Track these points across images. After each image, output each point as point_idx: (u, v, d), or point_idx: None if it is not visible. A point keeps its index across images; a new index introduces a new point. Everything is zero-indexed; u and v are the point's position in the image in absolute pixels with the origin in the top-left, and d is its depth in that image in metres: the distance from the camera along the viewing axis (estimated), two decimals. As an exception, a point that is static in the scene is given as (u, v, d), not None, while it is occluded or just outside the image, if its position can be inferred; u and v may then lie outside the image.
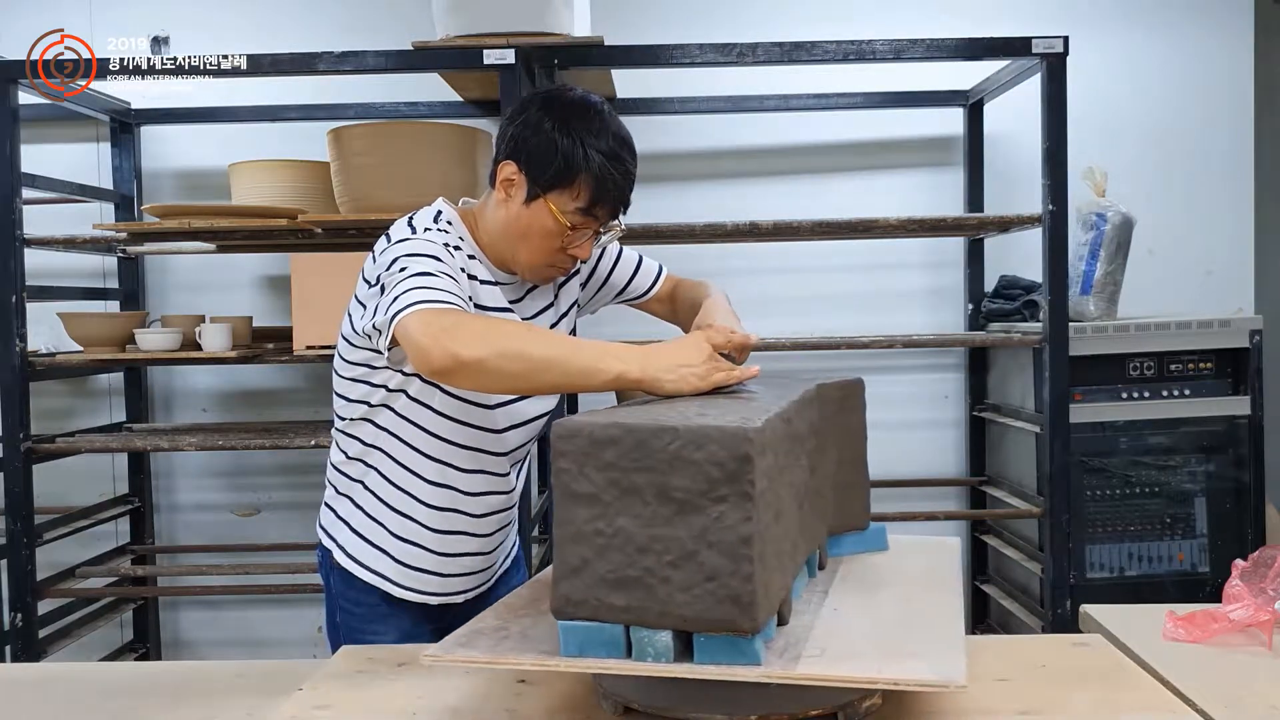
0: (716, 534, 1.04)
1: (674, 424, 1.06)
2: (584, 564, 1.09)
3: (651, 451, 1.07)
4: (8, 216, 2.66)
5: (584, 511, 1.09)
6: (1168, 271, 3.35)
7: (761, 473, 1.05)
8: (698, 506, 1.05)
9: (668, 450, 1.06)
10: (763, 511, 1.06)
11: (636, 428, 1.07)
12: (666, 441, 1.06)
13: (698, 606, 1.05)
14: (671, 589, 1.06)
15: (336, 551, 1.64)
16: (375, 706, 1.27)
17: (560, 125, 1.47)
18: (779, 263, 3.33)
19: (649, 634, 1.07)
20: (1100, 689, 1.27)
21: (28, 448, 2.73)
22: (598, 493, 1.09)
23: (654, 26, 3.26)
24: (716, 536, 1.04)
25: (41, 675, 1.64)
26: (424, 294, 1.35)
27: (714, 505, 1.05)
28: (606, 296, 1.80)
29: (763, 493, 1.06)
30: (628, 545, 1.07)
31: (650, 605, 1.07)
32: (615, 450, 1.08)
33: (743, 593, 1.03)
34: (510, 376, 1.33)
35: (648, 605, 1.07)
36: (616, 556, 1.08)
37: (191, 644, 3.44)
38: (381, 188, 2.67)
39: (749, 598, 1.03)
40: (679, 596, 1.05)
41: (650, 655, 1.07)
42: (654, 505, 1.07)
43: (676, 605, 1.06)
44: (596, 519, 1.09)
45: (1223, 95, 3.35)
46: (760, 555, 1.05)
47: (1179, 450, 2.95)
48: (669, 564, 1.06)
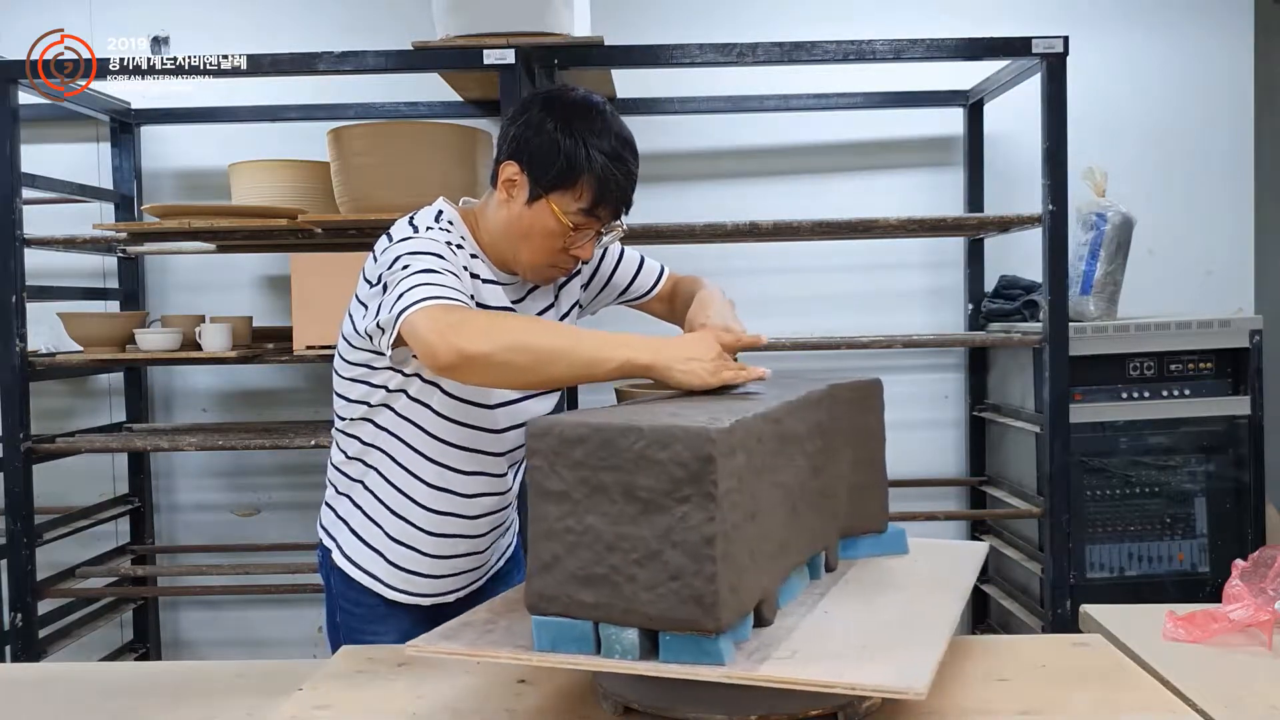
0: (680, 534, 1.05)
1: (639, 424, 1.07)
2: (555, 560, 1.10)
3: (618, 451, 1.07)
4: (8, 216, 2.66)
5: (555, 509, 1.11)
6: (1168, 271, 3.35)
7: (728, 473, 1.05)
8: (662, 506, 1.06)
9: (633, 450, 1.07)
10: (729, 512, 1.06)
11: (604, 427, 1.08)
12: (632, 441, 1.07)
13: (662, 605, 1.05)
14: (637, 587, 1.06)
15: (335, 552, 1.64)
16: (375, 706, 1.27)
17: (562, 125, 1.47)
18: (779, 263, 3.33)
19: (616, 631, 1.08)
20: (1100, 689, 1.27)
21: (28, 448, 2.73)
22: (568, 490, 1.10)
23: (654, 26, 3.26)
24: (680, 536, 1.05)
25: (41, 675, 1.64)
26: (429, 290, 1.35)
27: (678, 505, 1.05)
28: (608, 297, 1.80)
29: (729, 493, 1.06)
30: (596, 543, 1.08)
31: (617, 603, 1.08)
32: (584, 449, 1.09)
33: (705, 593, 1.04)
34: (518, 370, 1.33)
35: (614, 603, 1.08)
36: (585, 554, 1.09)
37: (191, 644, 3.44)
38: (381, 188, 2.67)
39: (711, 598, 1.03)
40: (644, 595, 1.06)
41: (617, 652, 1.08)
42: (621, 504, 1.07)
43: (642, 603, 1.06)
44: (567, 516, 1.10)
45: (1223, 95, 3.35)
46: (726, 556, 1.05)
47: (1179, 450, 2.95)
48: (635, 562, 1.07)
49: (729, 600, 1.05)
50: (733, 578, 1.06)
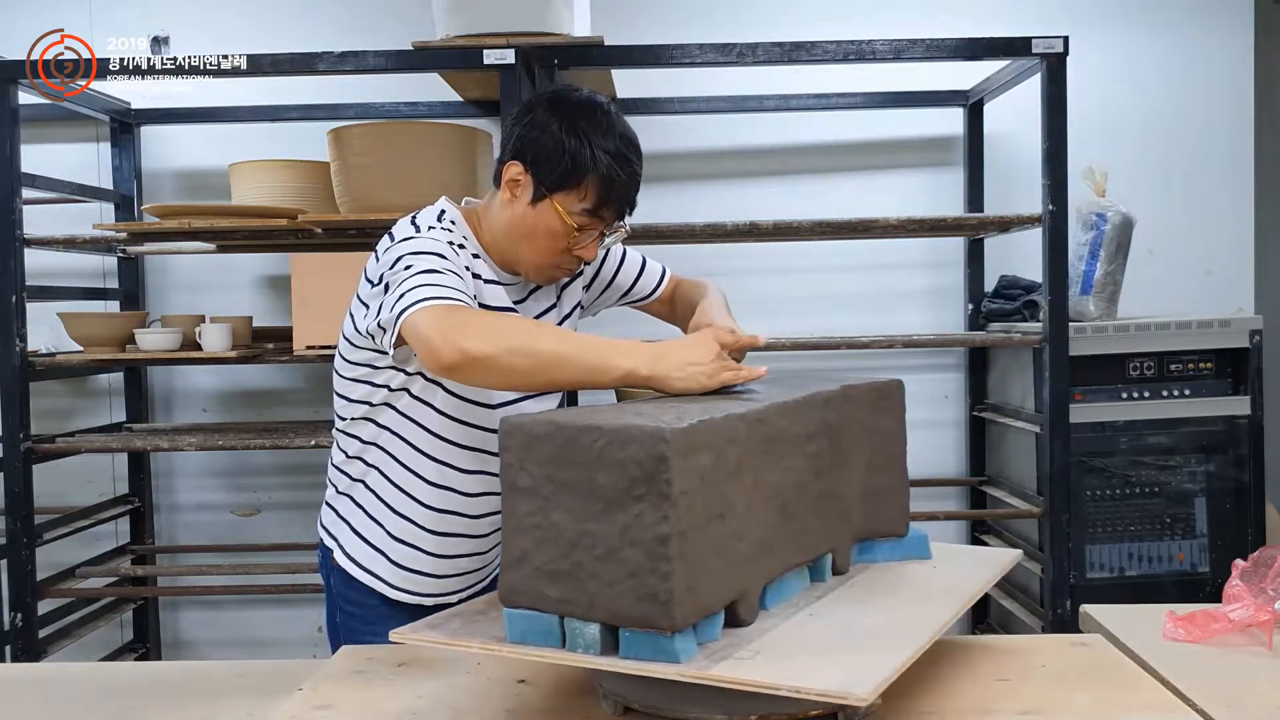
0: (637, 532, 1.06)
1: (600, 423, 1.09)
2: (524, 555, 1.13)
3: (580, 449, 1.09)
4: (8, 216, 2.66)
5: (524, 504, 1.13)
6: (1168, 271, 3.35)
7: (686, 473, 1.06)
8: (621, 504, 1.07)
9: (594, 448, 1.09)
10: (687, 512, 1.06)
11: (567, 425, 1.11)
12: (593, 439, 1.09)
13: (620, 602, 1.07)
14: (599, 584, 1.08)
15: (336, 551, 1.64)
16: (375, 706, 1.27)
17: (567, 126, 1.47)
18: (779, 263, 3.33)
19: (580, 626, 1.10)
20: (1100, 689, 1.27)
21: (28, 448, 2.73)
22: (536, 487, 1.13)
23: (654, 26, 3.26)
24: (637, 535, 1.06)
25: (41, 675, 1.64)
26: (431, 290, 1.35)
27: (635, 504, 1.06)
28: (610, 299, 1.80)
29: (687, 493, 1.06)
30: (560, 539, 1.11)
31: (579, 598, 1.10)
32: (550, 446, 1.11)
33: (660, 591, 1.05)
34: (519, 373, 1.33)
35: (577, 598, 1.10)
36: (551, 549, 1.11)
37: (191, 644, 3.44)
38: (381, 188, 2.67)
39: (666, 596, 1.04)
40: (605, 591, 1.08)
41: (581, 646, 1.10)
42: (583, 501, 1.09)
43: (603, 599, 1.08)
44: (535, 512, 1.12)
45: (1223, 95, 3.35)
46: (683, 555, 1.05)
47: (1179, 450, 2.95)
48: (596, 559, 1.08)
49: (685, 599, 1.06)
50: (691, 577, 1.07)
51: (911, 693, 1.24)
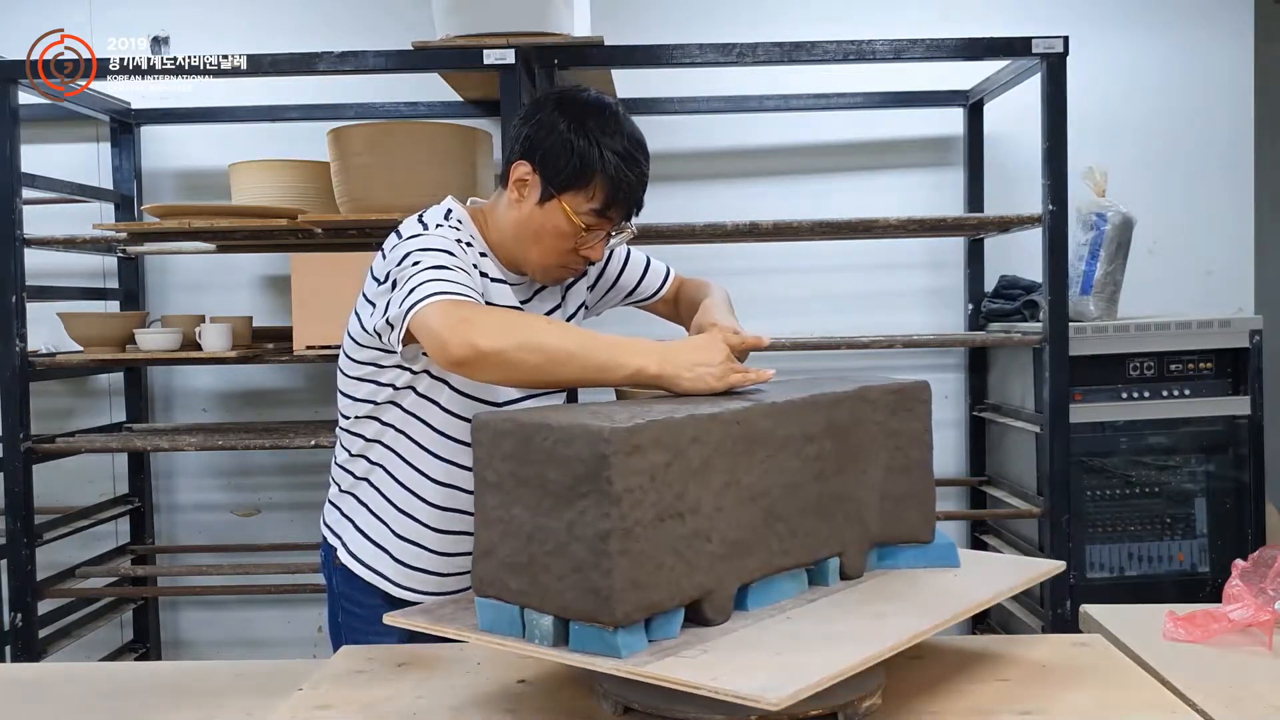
0: (581, 528, 1.09)
1: (551, 421, 1.12)
2: (492, 547, 1.18)
3: (534, 446, 1.13)
4: (8, 216, 2.66)
5: (491, 499, 1.18)
6: (1168, 271, 3.35)
7: (631, 472, 1.07)
8: (569, 500, 1.10)
9: (545, 446, 1.12)
10: (632, 509, 1.07)
11: (525, 423, 1.14)
12: (544, 437, 1.12)
13: (568, 596, 1.10)
14: (550, 577, 1.12)
15: (340, 549, 1.64)
16: (375, 706, 1.26)
17: (575, 126, 1.47)
18: (779, 263, 3.33)
19: (536, 617, 1.14)
20: (1100, 689, 1.27)
21: (28, 448, 2.73)
22: (500, 482, 1.17)
23: (654, 26, 3.26)
24: (581, 531, 1.09)
25: (41, 675, 1.64)
26: (440, 285, 1.35)
27: (580, 500, 1.09)
28: (615, 298, 1.80)
29: (632, 491, 1.07)
30: (520, 532, 1.15)
31: (534, 591, 1.13)
32: (511, 443, 1.15)
33: (602, 587, 1.07)
34: (529, 369, 1.33)
35: (533, 590, 1.13)
36: (513, 542, 1.15)
37: (191, 644, 3.44)
38: (381, 188, 2.67)
39: (608, 592, 1.06)
40: (554, 584, 1.11)
41: (536, 637, 1.14)
42: (538, 497, 1.13)
43: (554, 593, 1.11)
44: (499, 506, 1.17)
45: (1222, 95, 3.35)
46: (627, 552, 1.07)
47: (1179, 450, 2.95)
48: (547, 553, 1.12)
49: (628, 596, 1.07)
50: (637, 574, 1.08)
51: (912, 693, 1.24)
